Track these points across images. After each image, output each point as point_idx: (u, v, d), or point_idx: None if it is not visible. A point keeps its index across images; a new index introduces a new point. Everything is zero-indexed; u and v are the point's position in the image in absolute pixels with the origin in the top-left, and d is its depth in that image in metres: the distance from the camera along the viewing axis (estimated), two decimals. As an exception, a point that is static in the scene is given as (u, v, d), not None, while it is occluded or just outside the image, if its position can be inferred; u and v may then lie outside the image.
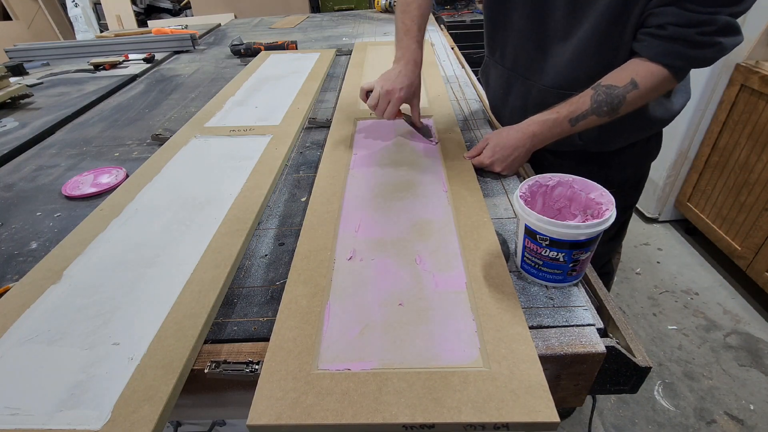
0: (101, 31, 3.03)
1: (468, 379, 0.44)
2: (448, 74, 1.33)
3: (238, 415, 0.50)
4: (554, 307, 0.53)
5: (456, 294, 0.54)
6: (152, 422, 0.41)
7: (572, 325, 0.51)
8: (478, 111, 1.07)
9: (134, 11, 3.28)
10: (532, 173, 0.82)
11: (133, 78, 1.53)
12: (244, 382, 0.48)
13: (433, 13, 2.39)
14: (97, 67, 1.62)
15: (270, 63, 1.50)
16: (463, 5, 3.25)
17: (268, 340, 0.49)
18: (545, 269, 0.55)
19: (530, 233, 0.54)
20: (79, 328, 0.52)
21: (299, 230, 0.67)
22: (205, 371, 0.48)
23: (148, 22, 2.90)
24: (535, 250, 0.54)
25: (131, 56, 1.73)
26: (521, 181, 0.79)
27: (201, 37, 2.04)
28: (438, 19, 2.25)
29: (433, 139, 0.93)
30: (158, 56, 1.74)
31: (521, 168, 0.83)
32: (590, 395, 0.54)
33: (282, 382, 0.44)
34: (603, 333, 0.51)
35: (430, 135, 0.94)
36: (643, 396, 1.38)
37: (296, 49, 1.68)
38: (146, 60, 1.67)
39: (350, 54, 1.56)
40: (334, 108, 1.11)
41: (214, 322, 0.54)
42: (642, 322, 1.63)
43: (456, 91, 1.20)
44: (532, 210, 0.53)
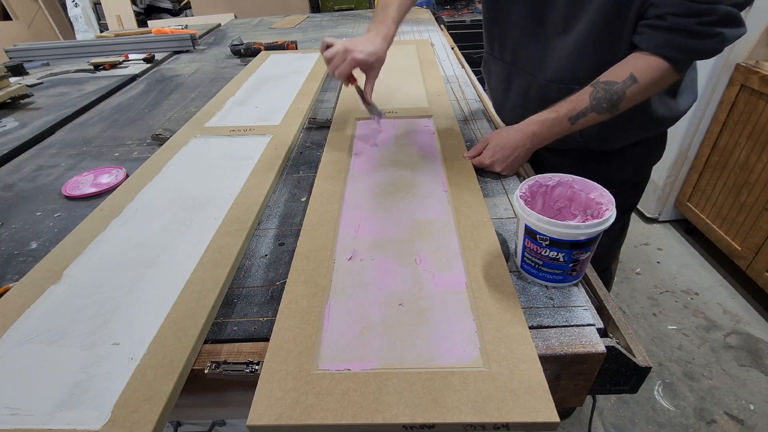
0: (101, 31, 3.03)
1: (468, 379, 0.44)
2: (448, 74, 1.33)
3: (238, 415, 0.51)
4: (554, 307, 0.53)
5: (456, 294, 0.54)
6: (152, 422, 0.41)
7: (572, 325, 0.51)
8: (478, 111, 1.07)
9: (134, 11, 3.28)
10: (532, 173, 0.82)
11: (133, 78, 1.53)
12: (244, 382, 0.48)
13: (433, 13, 2.39)
14: (97, 67, 1.62)
15: (270, 63, 1.50)
16: (463, 5, 3.26)
17: (268, 340, 0.49)
18: (545, 269, 0.55)
19: (530, 233, 0.54)
20: (79, 328, 0.52)
21: (299, 230, 0.67)
22: (205, 371, 0.48)
23: (148, 22, 2.90)
24: (535, 250, 0.54)
25: (131, 56, 1.73)
26: (521, 181, 0.79)
27: (201, 37, 2.04)
28: (438, 19, 2.25)
29: (375, 117, 0.93)
30: (158, 56, 1.74)
31: (521, 168, 0.83)
32: (590, 395, 0.54)
33: (282, 383, 0.44)
34: (603, 333, 0.51)
35: (378, 113, 0.93)
36: (643, 396, 1.38)
37: (296, 49, 1.68)
38: (146, 60, 1.67)
39: (350, 54, 1.56)
40: (334, 108, 1.11)
41: (214, 322, 0.54)
42: (642, 322, 1.63)
43: (456, 91, 1.20)
44: (532, 210, 0.53)
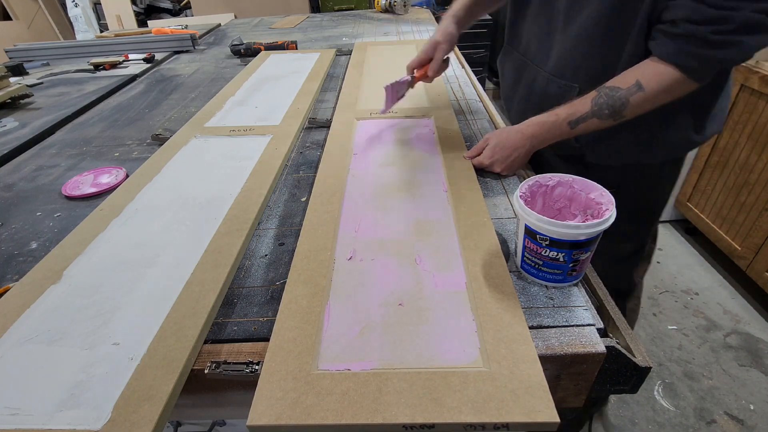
0: (101, 31, 3.03)
1: (468, 379, 0.44)
2: (448, 74, 1.33)
3: (238, 415, 0.51)
4: (554, 307, 0.53)
5: (456, 294, 0.54)
6: (152, 422, 0.41)
7: (572, 325, 0.51)
8: (478, 111, 1.07)
9: (134, 11, 3.28)
10: (532, 173, 0.82)
11: (133, 78, 1.53)
12: (244, 382, 0.48)
13: (433, 13, 2.39)
14: (97, 67, 1.62)
15: (270, 63, 1.50)
16: (463, 5, 3.24)
17: (268, 340, 0.49)
18: (545, 269, 0.55)
19: (530, 233, 0.54)
20: (79, 328, 0.52)
21: (299, 230, 0.67)
22: (205, 371, 0.48)
23: (148, 22, 2.89)
24: (535, 250, 0.54)
25: (131, 56, 1.73)
26: (521, 181, 0.79)
27: (201, 37, 2.04)
28: (438, 19, 2.25)
29: (385, 108, 0.93)
30: (158, 56, 1.74)
31: (521, 168, 0.82)
32: (594, 398, 0.54)
33: (282, 383, 0.44)
34: (603, 333, 0.51)
35: (398, 93, 0.93)
36: (643, 396, 1.38)
37: (296, 49, 1.68)
38: (146, 60, 1.67)
39: (350, 54, 1.56)
40: (334, 108, 1.11)
41: (214, 322, 0.54)
42: (642, 322, 1.63)
43: (456, 91, 1.20)
44: (532, 210, 0.53)
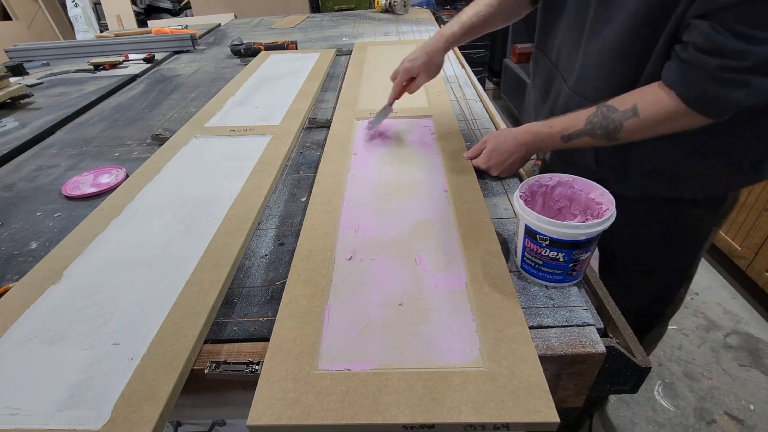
0: (101, 31, 3.03)
1: (468, 379, 0.44)
2: (448, 74, 1.33)
3: (238, 415, 0.50)
4: (554, 307, 0.53)
5: (456, 294, 0.54)
6: (152, 422, 0.41)
7: (572, 325, 0.51)
8: (478, 111, 1.07)
9: (134, 11, 3.28)
10: (532, 173, 0.82)
11: (133, 78, 1.53)
12: (244, 382, 0.48)
13: (433, 13, 2.39)
14: (97, 67, 1.62)
15: (270, 63, 1.50)
16: (463, 5, 3.26)
17: (268, 340, 0.49)
18: (545, 269, 0.55)
19: (530, 233, 0.54)
20: (79, 328, 0.52)
21: (299, 230, 0.67)
22: (205, 371, 0.48)
23: (148, 22, 2.89)
24: (535, 250, 0.54)
25: (131, 56, 1.73)
26: (521, 180, 0.79)
27: (201, 37, 2.04)
28: (438, 19, 2.25)
29: (372, 129, 0.95)
30: (158, 56, 1.74)
31: (521, 168, 0.82)
32: (594, 398, 0.54)
33: (282, 383, 0.44)
34: (603, 333, 0.51)
35: (377, 120, 0.95)
36: (643, 396, 1.38)
37: (296, 49, 1.68)
38: (146, 60, 1.67)
39: (350, 54, 1.56)
40: (334, 108, 1.11)
41: (214, 322, 0.54)
42: (642, 322, 1.63)
43: (456, 91, 1.20)
44: (532, 210, 0.53)
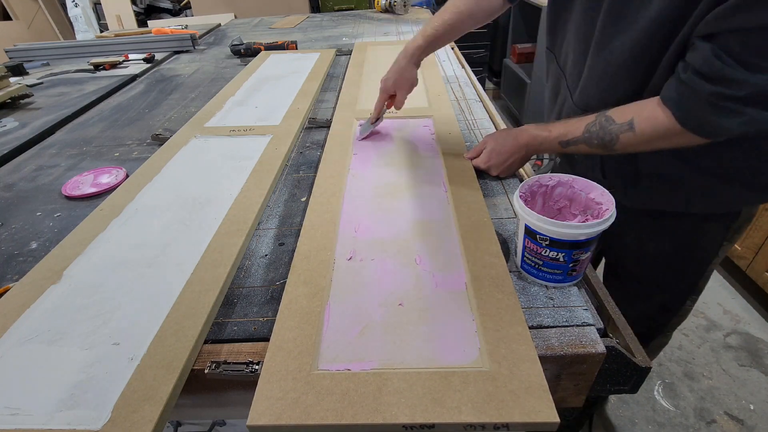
0: (101, 31, 3.03)
1: (468, 379, 0.44)
2: (448, 74, 1.33)
3: (238, 415, 0.51)
4: (554, 307, 0.53)
5: (456, 294, 0.54)
6: (152, 422, 0.41)
7: (572, 325, 0.51)
8: (478, 111, 1.07)
9: (134, 11, 3.28)
10: (532, 173, 0.82)
11: (133, 78, 1.53)
12: (244, 382, 0.48)
13: (433, 13, 2.39)
14: (97, 67, 1.62)
15: (270, 63, 1.50)
16: (463, 5, 3.24)
17: (268, 340, 0.49)
18: (545, 269, 0.55)
19: (530, 233, 0.54)
20: (79, 328, 0.52)
21: (299, 230, 0.67)
22: (205, 371, 0.48)
23: (148, 22, 2.89)
24: (535, 250, 0.54)
25: (131, 56, 1.73)
26: (521, 181, 0.79)
27: (201, 37, 2.04)
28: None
29: (359, 137, 0.93)
30: (158, 56, 1.74)
31: (521, 168, 0.83)
32: (594, 398, 0.54)
33: (282, 383, 0.44)
34: (603, 333, 0.51)
35: (365, 132, 0.93)
36: (643, 396, 1.38)
37: (296, 49, 1.68)
38: (146, 60, 1.67)
39: (350, 54, 1.56)
40: (334, 108, 1.11)
41: (214, 322, 0.54)
42: (642, 322, 1.63)
43: (456, 91, 1.20)
44: (532, 210, 0.53)
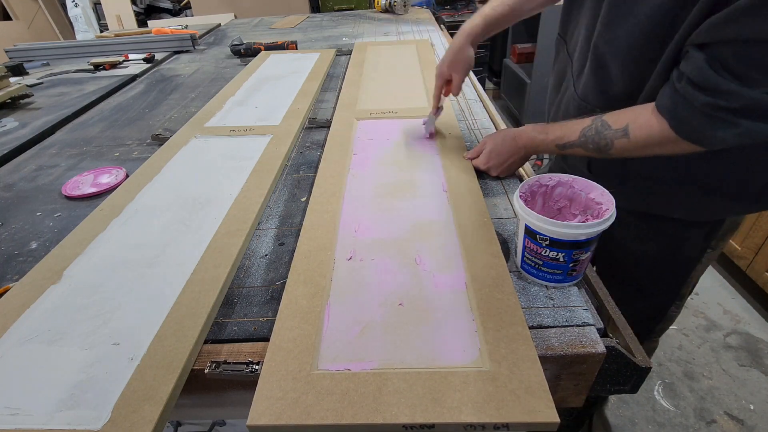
0: (101, 31, 3.03)
1: (468, 379, 0.44)
2: (448, 74, 1.33)
3: (238, 415, 0.50)
4: (554, 307, 0.53)
5: (456, 294, 0.54)
6: (152, 422, 0.41)
7: (572, 325, 0.51)
8: (478, 111, 1.07)
9: (134, 11, 3.28)
10: (532, 173, 0.82)
11: (133, 78, 1.53)
12: (244, 382, 0.48)
13: (433, 13, 2.39)
14: (97, 67, 1.62)
15: (270, 63, 1.50)
16: (463, 5, 3.26)
17: (268, 340, 0.49)
18: (545, 269, 0.55)
19: (530, 233, 0.54)
20: (79, 328, 0.52)
21: (299, 230, 0.67)
22: (205, 371, 0.48)
23: (148, 22, 2.90)
24: (535, 250, 0.54)
25: (131, 56, 1.73)
26: (521, 180, 0.79)
27: (201, 37, 2.04)
28: (438, 19, 2.25)
29: (425, 134, 0.92)
30: (158, 56, 1.74)
31: (521, 168, 0.83)
32: (594, 398, 0.54)
33: (282, 382, 0.44)
34: (603, 333, 0.51)
35: (430, 124, 0.92)
36: (643, 396, 1.38)
37: (296, 49, 1.68)
38: (146, 60, 1.67)
39: (350, 54, 1.56)
40: (334, 108, 1.11)
41: (214, 322, 0.54)
42: (642, 322, 1.63)
43: (456, 91, 1.20)
44: (532, 210, 0.53)
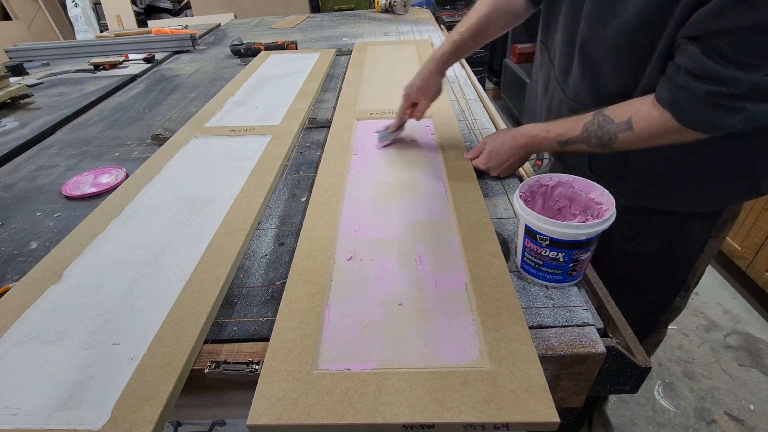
0: (101, 31, 3.03)
1: (468, 379, 0.44)
2: (448, 74, 1.32)
3: (238, 415, 0.51)
4: (554, 307, 0.53)
5: (456, 294, 0.54)
6: (152, 422, 0.41)
7: (572, 325, 0.51)
8: (478, 111, 1.07)
9: (134, 11, 3.28)
10: (532, 173, 0.82)
11: (133, 78, 1.53)
12: (244, 382, 0.48)
13: (433, 13, 2.39)
14: (97, 67, 1.62)
15: (270, 63, 1.50)
16: (463, 5, 3.26)
17: (268, 340, 0.49)
18: (545, 269, 0.55)
19: (530, 233, 0.54)
20: (79, 328, 0.52)
21: (299, 230, 0.67)
22: (205, 371, 0.48)
23: (148, 22, 2.90)
24: (535, 250, 0.54)
25: (131, 56, 1.73)
26: (521, 180, 0.79)
27: (201, 37, 2.04)
28: (438, 19, 2.25)
29: (379, 145, 0.90)
30: (158, 56, 1.74)
31: (521, 168, 0.83)
32: (594, 398, 0.54)
33: (282, 382, 0.44)
34: (603, 333, 0.51)
35: (385, 139, 0.90)
36: (643, 396, 1.38)
37: (296, 49, 1.68)
38: (146, 60, 1.67)
39: (350, 54, 1.56)
40: (334, 108, 1.11)
41: (214, 322, 0.54)
42: (642, 322, 1.63)
43: (456, 91, 1.20)
44: (532, 210, 0.53)
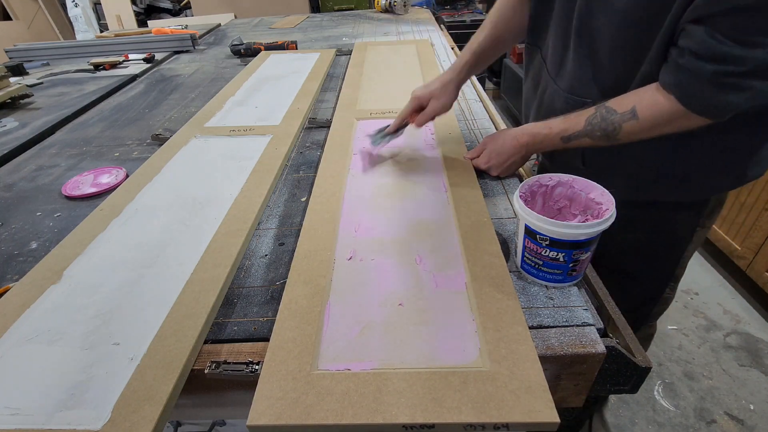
0: (101, 31, 3.03)
1: (468, 379, 0.44)
2: (448, 74, 1.33)
3: (238, 415, 0.51)
4: (554, 307, 0.53)
5: (456, 294, 0.54)
6: (152, 422, 0.41)
7: (572, 325, 0.51)
8: (478, 111, 1.07)
9: (134, 11, 3.29)
10: (532, 173, 0.82)
11: (133, 78, 1.53)
12: (244, 382, 0.48)
13: (433, 13, 2.39)
14: (97, 67, 1.62)
15: (270, 63, 1.50)
16: (463, 5, 3.26)
17: (268, 340, 0.49)
18: (545, 269, 0.55)
19: (530, 233, 0.54)
20: (79, 328, 0.52)
21: (299, 230, 0.67)
22: (205, 371, 0.48)
23: (148, 22, 2.90)
24: (535, 250, 0.54)
25: (131, 56, 1.73)
26: (521, 180, 0.79)
27: (201, 37, 2.04)
28: (438, 19, 2.25)
29: (373, 150, 0.88)
30: (158, 56, 1.74)
31: (521, 168, 0.83)
32: (594, 398, 0.54)
33: (282, 383, 0.44)
34: (603, 333, 0.51)
35: (379, 143, 0.86)
36: (643, 396, 1.38)
37: (296, 49, 1.68)
38: (146, 60, 1.67)
39: (350, 54, 1.56)
40: (334, 108, 1.11)
41: (214, 322, 0.54)
42: (642, 322, 1.63)
43: (456, 91, 1.20)
44: (532, 210, 0.53)
